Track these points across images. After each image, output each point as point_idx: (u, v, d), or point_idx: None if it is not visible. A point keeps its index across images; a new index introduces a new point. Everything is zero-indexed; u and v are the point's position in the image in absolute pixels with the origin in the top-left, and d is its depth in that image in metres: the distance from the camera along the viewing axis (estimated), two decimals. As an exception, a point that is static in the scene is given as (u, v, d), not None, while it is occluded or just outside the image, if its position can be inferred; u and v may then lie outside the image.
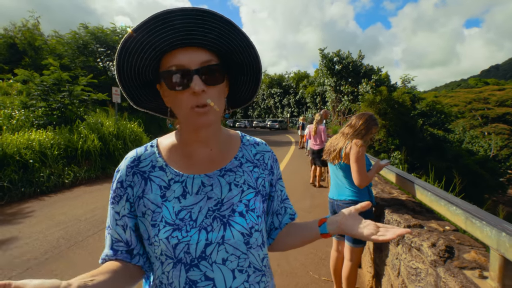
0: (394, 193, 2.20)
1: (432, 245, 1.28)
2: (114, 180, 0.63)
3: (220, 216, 0.59)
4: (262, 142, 0.75)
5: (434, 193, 1.51)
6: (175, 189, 0.60)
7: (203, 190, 0.61)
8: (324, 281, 2.47)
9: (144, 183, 0.61)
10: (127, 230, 0.61)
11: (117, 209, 0.61)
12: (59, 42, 13.93)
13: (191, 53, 0.56)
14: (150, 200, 0.59)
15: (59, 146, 6.21)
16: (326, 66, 22.21)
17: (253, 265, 0.61)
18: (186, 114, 0.56)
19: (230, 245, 0.58)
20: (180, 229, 0.56)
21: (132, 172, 0.62)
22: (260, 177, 0.68)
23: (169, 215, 0.58)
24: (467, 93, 41.59)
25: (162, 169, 0.62)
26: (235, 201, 0.62)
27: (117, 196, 0.61)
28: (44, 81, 7.21)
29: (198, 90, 0.54)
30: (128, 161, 0.63)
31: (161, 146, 0.66)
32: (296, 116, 37.88)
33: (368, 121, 1.99)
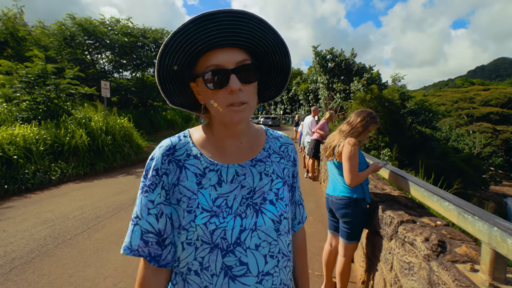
0: (387, 189, 2.23)
1: (425, 239, 1.30)
2: (148, 168, 0.63)
3: (253, 203, 0.63)
4: (284, 135, 0.79)
5: (427, 189, 1.53)
6: (211, 177, 0.63)
7: (237, 179, 0.64)
8: (317, 276, 2.49)
9: (179, 171, 0.62)
10: (161, 218, 0.62)
11: (151, 198, 0.61)
12: (44, 33, 13.42)
13: (228, 53, 0.59)
14: (186, 187, 0.61)
15: (45, 141, 6.02)
16: (319, 64, 22.29)
17: (282, 251, 0.65)
18: (222, 112, 0.59)
19: (262, 232, 0.61)
20: (217, 216, 0.59)
21: (168, 160, 0.63)
22: (286, 168, 0.73)
23: (206, 202, 0.60)
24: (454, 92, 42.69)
25: (196, 157, 0.64)
26: (266, 190, 0.66)
27: (152, 184, 0.62)
28: (28, 73, 6.94)
29: (236, 88, 0.57)
30: (163, 149, 0.64)
31: (194, 136, 0.68)
32: (289, 113, 38.02)
33: (366, 119, 1.98)
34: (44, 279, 2.42)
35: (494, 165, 25.43)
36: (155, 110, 15.38)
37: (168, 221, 0.63)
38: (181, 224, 0.61)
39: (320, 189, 5.44)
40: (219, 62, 0.58)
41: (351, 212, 1.94)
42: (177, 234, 0.62)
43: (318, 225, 3.66)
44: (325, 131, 5.84)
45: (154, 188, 0.62)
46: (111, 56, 14.67)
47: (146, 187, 0.62)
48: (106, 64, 15.38)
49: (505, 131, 30.98)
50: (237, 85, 0.57)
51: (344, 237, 2.01)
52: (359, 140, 1.99)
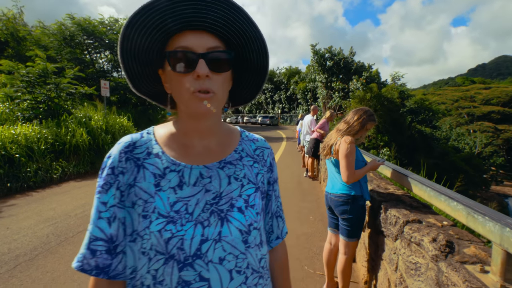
0: (390, 189, 2.22)
1: (433, 240, 1.29)
2: (104, 166, 0.57)
3: (218, 210, 0.56)
4: (261, 139, 0.73)
5: (433, 189, 1.53)
6: (171, 178, 0.56)
7: (201, 181, 0.57)
8: (319, 275, 2.49)
9: (136, 170, 0.56)
10: (113, 223, 0.55)
11: (104, 199, 0.55)
12: (44, 33, 13.41)
13: (200, 36, 0.55)
14: (142, 188, 0.55)
15: (46, 140, 6.01)
16: (317, 62, 22.25)
17: (251, 266, 0.57)
18: (187, 98, 0.54)
19: (228, 243, 0.54)
20: (174, 222, 0.52)
21: (125, 157, 0.57)
22: (259, 173, 0.66)
23: (163, 206, 0.53)
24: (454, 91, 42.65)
25: (157, 156, 0.58)
26: (235, 196, 0.59)
27: (107, 183, 0.55)
28: (29, 72, 6.93)
29: (203, 73, 0.52)
30: (121, 146, 0.58)
31: (158, 133, 0.62)
32: (287, 112, 37.97)
33: (363, 118, 2.01)
34: (48, 276, 2.43)
35: (495, 165, 25.45)
36: (154, 109, 15.38)
37: (120, 226, 0.55)
38: (136, 230, 0.54)
39: (319, 188, 5.43)
40: (188, 44, 0.54)
41: (350, 209, 1.96)
42: (130, 241, 0.55)
43: (318, 224, 3.66)
44: (325, 130, 5.84)
45: (108, 188, 0.55)
46: (110, 55, 14.66)
47: (100, 187, 0.56)
48: (105, 63, 15.38)
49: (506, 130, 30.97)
50: (204, 70, 0.52)
51: (344, 234, 2.01)
52: (357, 138, 2.02)
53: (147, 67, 0.61)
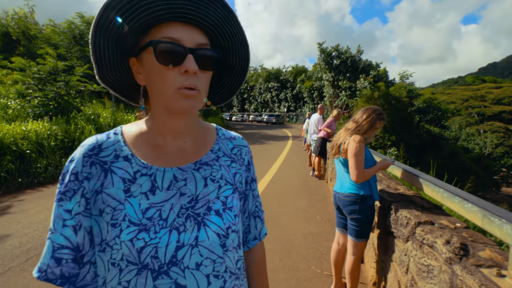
0: (400, 189, 2.19)
1: (447, 242, 1.27)
2: (65, 172, 0.52)
3: (194, 214, 0.53)
4: (238, 136, 0.70)
5: (446, 190, 1.49)
6: (142, 183, 0.52)
7: (176, 185, 0.54)
8: (327, 276, 2.47)
9: (103, 175, 0.52)
10: (79, 231, 0.51)
11: (67, 207, 0.51)
12: (54, 32, 13.63)
13: (190, 30, 0.51)
14: (110, 195, 0.51)
15: (56, 136, 6.11)
16: (324, 61, 22.10)
17: (229, 269, 0.55)
18: (170, 94, 0.50)
19: (205, 248, 0.51)
20: (147, 230, 0.49)
21: (90, 161, 0.52)
22: (237, 173, 0.63)
23: (134, 214, 0.50)
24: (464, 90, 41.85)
25: (127, 159, 0.54)
26: (212, 198, 0.56)
27: (70, 190, 0.51)
28: (40, 70, 7.05)
29: (192, 69, 0.49)
30: (85, 149, 0.53)
31: (127, 134, 0.57)
32: (293, 111, 37.81)
33: (372, 117, 1.98)
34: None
35: (507, 166, 24.91)
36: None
37: (86, 235, 0.52)
38: (104, 239, 0.50)
39: (326, 188, 5.40)
40: (177, 36, 0.50)
41: (359, 209, 1.93)
42: (99, 251, 0.51)
43: (326, 224, 3.63)
44: (332, 129, 5.80)
45: (71, 196, 0.51)
46: (119, 53, 14.81)
47: (61, 194, 0.51)
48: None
49: (518, 130, 30.28)
50: (194, 66, 0.49)
51: (352, 234, 1.99)
52: (366, 138, 1.99)
53: (118, 52, 0.55)
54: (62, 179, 0.52)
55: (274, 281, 2.38)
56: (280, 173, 6.62)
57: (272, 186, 5.31)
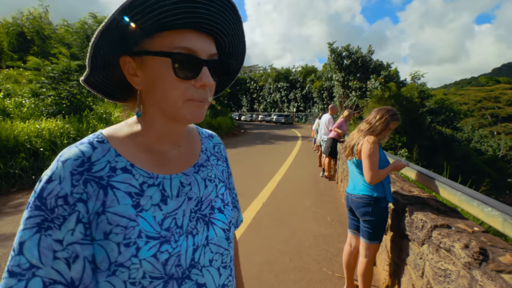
0: (414, 192, 2.14)
1: (465, 246, 1.23)
2: (46, 195, 0.43)
3: (202, 216, 0.55)
4: (214, 134, 0.73)
5: (464, 193, 1.46)
6: (152, 194, 0.50)
7: (183, 191, 0.54)
8: (338, 278, 2.44)
9: (103, 193, 0.46)
10: (75, 264, 0.43)
11: (58, 236, 0.42)
12: (67, 32, 13.92)
13: (203, 40, 0.49)
14: (117, 213, 0.46)
15: (68, 135, 6.24)
16: (334, 61, 21.90)
17: (232, 258, 0.61)
18: (180, 105, 0.48)
19: (214, 244, 0.55)
20: (168, 241, 0.48)
21: (82, 180, 0.45)
22: (223, 170, 0.68)
23: (150, 228, 0.47)
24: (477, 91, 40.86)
25: (126, 171, 0.49)
26: (213, 197, 0.59)
27: (58, 217, 0.42)
28: (54, 69, 7.22)
29: (210, 84, 0.49)
30: (71, 165, 0.45)
31: (113, 141, 0.51)
32: (303, 111, 37.62)
33: (385, 117, 1.96)
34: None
35: (520, 168, 24.18)
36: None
37: (87, 266, 0.44)
38: (114, 262, 0.45)
39: (336, 189, 5.34)
40: (193, 47, 0.47)
41: (372, 211, 1.90)
42: (107, 276, 0.45)
43: (336, 226, 3.59)
44: (343, 130, 5.74)
45: (61, 223, 0.42)
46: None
47: (48, 222, 0.42)
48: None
49: (533, 132, 29.37)
50: (211, 80, 0.48)
51: (365, 237, 1.97)
52: (379, 139, 1.96)
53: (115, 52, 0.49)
54: (42, 203, 0.42)
55: (284, 282, 2.36)
56: (289, 173, 6.59)
57: (281, 187, 5.30)
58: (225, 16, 0.49)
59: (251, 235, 3.23)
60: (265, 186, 5.32)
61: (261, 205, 4.27)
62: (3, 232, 3.14)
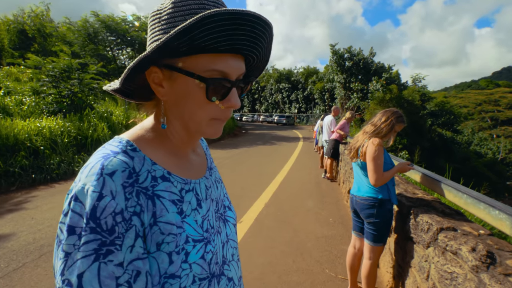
0: (419, 194, 2.14)
1: (472, 249, 1.22)
2: (100, 214, 0.38)
3: (220, 215, 0.60)
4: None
5: (470, 196, 1.45)
6: (190, 199, 0.51)
7: (208, 193, 0.58)
8: (341, 280, 2.43)
9: (152, 204, 0.44)
10: (138, 281, 0.41)
11: (119, 259, 0.39)
12: (69, 30, 13.92)
13: (237, 62, 0.48)
14: (169, 222, 0.45)
15: (69, 133, 6.23)
16: (336, 62, 21.93)
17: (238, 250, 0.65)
18: (204, 123, 0.49)
19: (231, 239, 0.60)
20: (210, 241, 0.52)
21: (134, 192, 0.43)
22: (216, 169, 0.71)
23: (194, 231, 0.49)
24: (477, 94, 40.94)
25: (165, 179, 0.48)
26: (222, 197, 0.63)
27: (119, 236, 0.39)
28: (55, 67, 7.20)
29: (237, 105, 0.48)
30: (120, 177, 0.42)
31: (144, 148, 0.49)
32: (304, 112, 37.63)
33: (391, 119, 1.95)
34: (72, 268, 2.50)
35: (520, 171, 24.19)
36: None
37: (149, 281, 0.42)
38: (165, 274, 0.43)
39: (338, 190, 5.33)
40: (227, 71, 0.46)
41: (377, 213, 1.90)
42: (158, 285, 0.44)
43: (339, 227, 3.58)
44: (345, 131, 5.73)
45: (121, 243, 0.39)
46: (131, 52, 15.04)
47: (106, 245, 0.38)
48: (127, 60, 15.79)
49: (532, 136, 29.38)
50: (238, 102, 0.48)
51: (369, 239, 1.96)
52: (385, 141, 1.95)
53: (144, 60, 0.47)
54: (98, 227, 0.38)
55: (287, 283, 2.35)
56: (291, 174, 6.58)
57: (283, 187, 5.29)
58: (264, 38, 0.48)
59: (253, 236, 3.22)
60: (267, 186, 5.32)
61: (263, 205, 4.26)
62: (3, 230, 3.13)
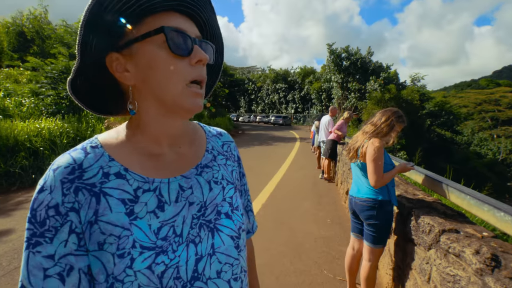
0: (419, 195, 2.11)
1: (476, 252, 1.20)
2: (37, 206, 0.41)
3: (205, 222, 0.50)
4: (224, 132, 0.68)
5: (474, 197, 1.42)
6: (147, 200, 0.46)
7: (183, 195, 0.50)
8: (339, 281, 2.41)
9: (95, 201, 0.43)
10: (69, 278, 0.41)
11: (49, 251, 0.40)
12: (66, 31, 13.88)
13: (188, 22, 0.48)
14: (110, 222, 0.43)
15: (67, 134, 6.20)
16: (333, 62, 21.94)
17: (243, 269, 0.54)
18: (179, 89, 0.45)
19: (222, 253, 0.50)
20: (165, 252, 0.44)
21: (73, 188, 0.42)
22: (233, 170, 0.62)
23: (145, 237, 0.44)
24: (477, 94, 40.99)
25: (120, 176, 0.46)
26: (219, 201, 0.54)
27: (50, 229, 0.40)
28: (53, 69, 7.19)
29: (206, 59, 0.47)
30: (61, 173, 0.43)
31: (108, 145, 0.48)
32: (301, 112, 37.61)
33: (391, 119, 1.93)
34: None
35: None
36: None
37: (83, 278, 0.42)
38: (111, 274, 0.42)
39: (336, 191, 5.31)
40: (181, 26, 0.46)
41: (377, 214, 1.87)
42: (108, 287, 0.43)
43: (336, 228, 3.56)
44: (343, 132, 5.71)
45: (53, 236, 0.41)
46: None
47: (36, 237, 0.40)
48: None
49: (532, 136, 29.41)
50: (205, 55, 0.47)
51: (369, 240, 1.93)
52: (385, 141, 1.92)
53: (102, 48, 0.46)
54: (32, 217, 0.41)
55: (285, 285, 2.33)
56: (288, 175, 6.56)
57: (280, 188, 5.27)
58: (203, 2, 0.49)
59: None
60: (264, 187, 5.29)
61: (261, 206, 4.23)
62: (3, 230, 3.10)
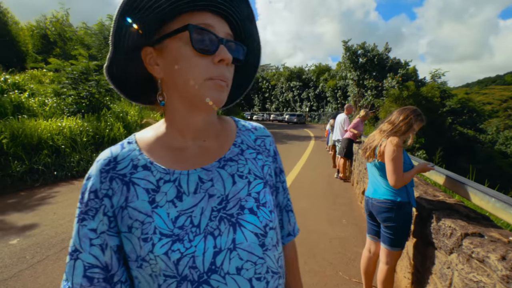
0: (440, 196, 2.03)
1: (502, 258, 1.14)
2: (84, 190, 0.50)
3: (227, 216, 0.50)
4: (260, 127, 0.66)
5: (500, 200, 1.35)
6: (167, 190, 0.50)
7: (202, 187, 0.51)
8: (355, 283, 2.36)
9: (126, 189, 0.49)
10: (106, 250, 0.49)
11: (92, 226, 0.48)
12: (87, 33, 14.39)
13: (219, 20, 0.49)
14: (137, 209, 0.48)
15: (87, 133, 6.43)
16: (349, 59, 21.49)
17: (271, 269, 0.52)
18: (199, 83, 0.47)
19: (244, 250, 0.48)
20: (181, 240, 0.46)
21: (108, 177, 0.49)
22: (265, 165, 0.59)
23: (164, 225, 0.47)
24: (503, 90, 38.94)
25: (146, 168, 0.51)
26: (243, 196, 0.52)
27: (91, 209, 0.48)
28: (74, 70, 7.47)
29: (228, 59, 0.47)
30: (100, 164, 0.50)
31: (141, 141, 0.54)
32: (316, 110, 37.16)
33: (410, 117, 1.86)
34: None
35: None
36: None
37: (114, 255, 0.49)
38: (140, 255, 0.47)
39: (352, 191, 5.21)
40: (209, 23, 0.47)
41: (394, 216, 1.81)
42: (137, 267, 0.48)
43: (352, 229, 3.49)
44: (359, 130, 5.58)
45: (94, 214, 0.48)
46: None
47: (83, 214, 0.49)
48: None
49: None
50: (229, 55, 0.47)
51: (386, 243, 1.87)
52: (403, 140, 1.85)
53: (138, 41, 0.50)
54: (81, 198, 0.50)
55: (299, 285, 2.31)
56: (303, 174, 6.50)
57: (295, 187, 5.22)
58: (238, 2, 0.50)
59: (266, 236, 3.19)
60: (279, 186, 5.27)
61: (275, 205, 4.22)
62: (27, 224, 3.27)
